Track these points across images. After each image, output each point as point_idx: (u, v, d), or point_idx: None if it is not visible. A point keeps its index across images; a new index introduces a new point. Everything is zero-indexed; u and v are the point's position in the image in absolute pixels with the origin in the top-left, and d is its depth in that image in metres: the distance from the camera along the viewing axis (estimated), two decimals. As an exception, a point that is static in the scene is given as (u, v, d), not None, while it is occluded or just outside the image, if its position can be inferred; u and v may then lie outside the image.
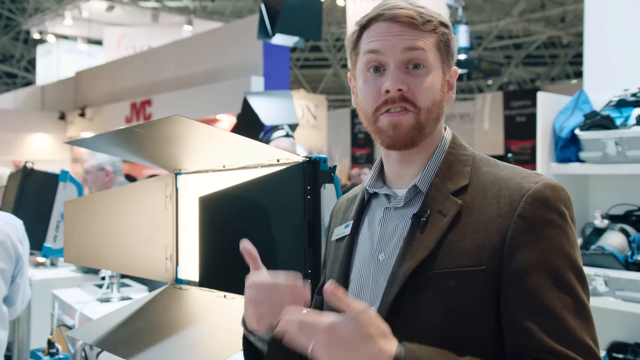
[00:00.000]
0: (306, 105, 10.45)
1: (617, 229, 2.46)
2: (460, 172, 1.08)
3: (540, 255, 0.96)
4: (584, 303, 0.97)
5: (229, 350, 1.43)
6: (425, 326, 0.99)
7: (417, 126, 1.06)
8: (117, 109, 11.70)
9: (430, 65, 1.06)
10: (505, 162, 1.12)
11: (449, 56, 1.11)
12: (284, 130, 3.88)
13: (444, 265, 0.99)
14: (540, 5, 14.34)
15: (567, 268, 0.97)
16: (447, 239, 1.01)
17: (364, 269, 1.11)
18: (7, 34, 18.11)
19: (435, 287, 0.99)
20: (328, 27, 15.91)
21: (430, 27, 1.06)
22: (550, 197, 0.99)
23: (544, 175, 1.05)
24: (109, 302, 2.79)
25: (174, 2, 15.76)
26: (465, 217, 1.01)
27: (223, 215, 1.65)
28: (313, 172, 1.47)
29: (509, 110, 12.33)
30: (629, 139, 2.36)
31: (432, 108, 1.07)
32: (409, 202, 1.09)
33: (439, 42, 1.08)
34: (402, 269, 1.02)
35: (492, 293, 0.97)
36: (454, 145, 1.13)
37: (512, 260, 0.97)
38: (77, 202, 2.29)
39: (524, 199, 0.99)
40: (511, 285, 0.96)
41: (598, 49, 2.91)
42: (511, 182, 1.02)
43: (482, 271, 0.97)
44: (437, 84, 1.08)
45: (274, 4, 4.58)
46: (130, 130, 1.66)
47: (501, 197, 1.01)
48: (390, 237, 1.09)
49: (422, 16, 1.06)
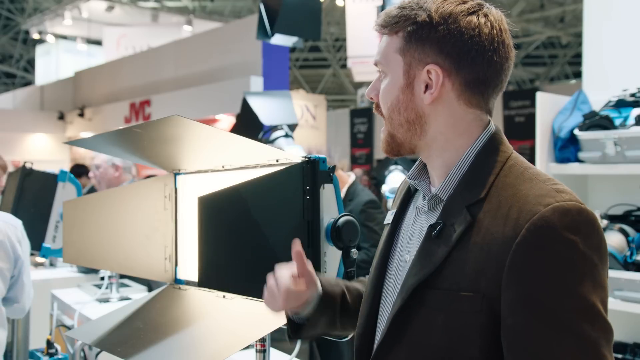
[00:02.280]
0: (305, 106, 10.44)
1: (616, 229, 2.46)
2: (482, 181, 0.99)
3: (532, 291, 0.88)
4: (586, 345, 0.86)
5: (228, 350, 1.43)
6: (424, 343, 0.98)
7: (388, 137, 1.07)
8: (116, 109, 11.69)
9: (387, 70, 1.06)
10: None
11: (423, 53, 1.01)
12: (283, 131, 3.88)
13: (446, 285, 0.96)
14: (540, 6, 14.35)
15: (567, 305, 0.87)
16: (453, 257, 0.96)
17: (396, 264, 1.12)
18: (6, 34, 18.09)
19: (436, 306, 0.97)
20: (327, 27, 15.92)
21: (395, 28, 1.04)
22: (558, 226, 0.88)
23: (569, 192, 0.93)
24: (108, 302, 2.79)
25: (174, 2, 15.75)
26: (474, 236, 0.95)
27: (222, 216, 1.65)
28: (312, 172, 1.47)
29: (508, 110, 12.32)
30: (628, 139, 2.36)
31: (391, 115, 1.05)
32: (434, 208, 1.06)
33: (404, 41, 1.02)
34: (408, 282, 1.01)
35: (491, 320, 0.92)
36: (486, 150, 1.02)
37: (507, 292, 0.90)
38: (76, 202, 2.29)
39: (527, 225, 0.89)
40: (505, 319, 0.91)
41: (597, 49, 2.91)
42: (523, 201, 0.92)
43: (479, 297, 0.92)
44: (394, 88, 1.04)
45: (273, 4, 4.58)
46: (129, 130, 1.66)
47: (509, 219, 0.92)
48: (415, 239, 1.08)
49: (392, 17, 1.04)
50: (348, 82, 19.21)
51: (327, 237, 1.46)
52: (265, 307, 1.24)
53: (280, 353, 1.92)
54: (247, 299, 1.62)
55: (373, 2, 9.52)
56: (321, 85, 19.96)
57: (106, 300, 2.80)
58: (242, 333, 1.53)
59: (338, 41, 17.62)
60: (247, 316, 1.59)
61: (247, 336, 1.48)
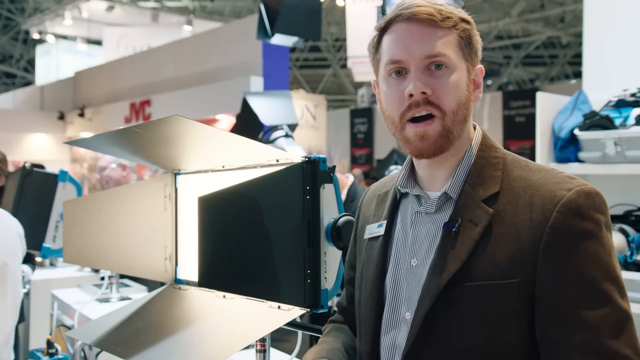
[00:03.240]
0: (305, 106, 10.44)
1: (616, 229, 2.46)
2: (491, 177, 1.04)
3: (575, 268, 0.94)
4: (623, 313, 0.94)
5: (228, 350, 1.43)
6: (459, 337, 0.98)
7: (444, 133, 1.03)
8: (116, 109, 11.70)
9: (453, 65, 1.03)
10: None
11: (472, 53, 1.07)
12: (284, 131, 3.88)
13: (477, 277, 0.98)
14: (540, 6, 14.35)
15: (604, 278, 0.95)
16: (479, 250, 0.99)
17: (398, 272, 1.10)
18: (7, 34, 18.10)
19: (469, 300, 0.98)
20: (327, 27, 15.92)
21: (450, 23, 1.03)
22: (585, 206, 0.96)
23: (578, 178, 1.01)
24: (108, 302, 2.79)
25: (174, 2, 15.76)
26: (497, 227, 0.99)
27: (222, 215, 1.65)
28: (312, 172, 1.47)
29: (508, 111, 12.33)
30: (628, 139, 2.36)
31: (457, 110, 1.03)
32: (440, 208, 1.07)
33: (460, 39, 1.04)
34: (435, 281, 1.00)
35: (527, 304, 0.96)
36: (484, 147, 1.09)
37: (546, 272, 0.95)
38: (76, 202, 2.28)
39: (557, 208, 0.96)
40: (545, 298, 0.95)
41: (597, 49, 2.91)
42: (544, 189, 0.99)
43: (516, 284, 0.96)
44: (462, 83, 1.04)
45: (273, 4, 4.58)
46: (129, 130, 1.66)
47: (533, 206, 0.98)
48: (421, 242, 1.08)
49: (441, 13, 1.03)
50: (348, 82, 19.23)
51: (327, 237, 1.46)
52: (265, 307, 1.24)
53: (281, 353, 1.92)
54: (247, 299, 1.62)
55: (373, 2, 9.52)
56: (321, 85, 19.96)
57: (106, 300, 2.80)
58: (242, 333, 1.53)
59: (338, 41, 17.62)
60: (247, 316, 1.59)
61: (247, 336, 1.48)
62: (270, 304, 1.54)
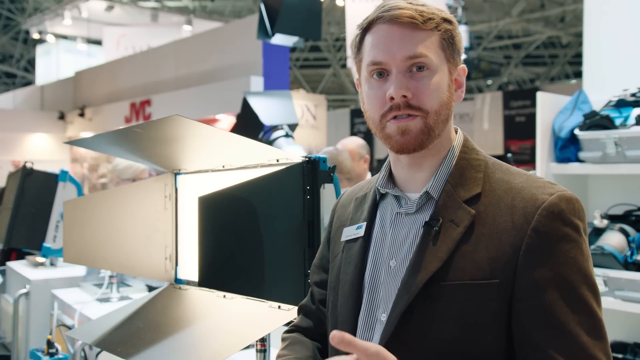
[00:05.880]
0: (306, 105, 10.43)
1: (617, 229, 2.46)
2: (472, 178, 1.05)
3: (554, 271, 0.95)
4: (598, 319, 0.96)
5: (228, 350, 1.43)
6: (436, 337, 0.98)
7: (425, 130, 1.03)
8: (116, 108, 11.69)
9: (435, 66, 1.03)
10: (505, 162, 1.11)
11: (454, 53, 1.07)
12: (284, 130, 3.88)
13: (456, 277, 0.98)
14: (540, 5, 14.34)
15: (582, 283, 0.96)
16: (460, 250, 0.99)
17: (376, 274, 1.10)
18: (7, 34, 18.09)
19: (448, 299, 0.98)
20: (328, 27, 15.91)
21: (432, 25, 1.04)
22: (566, 211, 0.97)
23: (557, 184, 1.02)
24: (108, 302, 2.79)
25: (174, 2, 15.75)
26: (479, 228, 0.99)
27: (222, 215, 1.65)
28: (312, 172, 1.47)
29: (508, 110, 12.32)
30: (628, 139, 2.36)
31: (439, 110, 1.04)
32: (420, 208, 1.07)
33: (442, 40, 1.05)
34: (414, 279, 1.00)
35: (505, 306, 0.97)
36: (466, 149, 1.10)
37: (526, 274, 0.95)
38: (77, 202, 2.28)
39: (539, 211, 0.97)
40: (524, 300, 0.96)
41: (597, 49, 2.91)
42: (525, 193, 1.00)
43: (495, 284, 0.96)
44: (443, 84, 1.05)
45: (273, 4, 4.58)
46: (129, 130, 1.66)
47: (515, 208, 0.99)
48: (401, 243, 1.07)
49: (423, 15, 1.03)
50: (348, 82, 19.21)
51: (328, 237, 1.46)
52: (265, 307, 1.24)
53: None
54: (248, 299, 1.62)
55: (373, 2, 9.51)
56: (321, 85, 19.95)
57: (106, 300, 2.80)
58: (242, 333, 1.53)
59: (338, 41, 17.61)
60: (248, 316, 1.59)
61: (247, 336, 1.48)
62: (270, 304, 1.54)
